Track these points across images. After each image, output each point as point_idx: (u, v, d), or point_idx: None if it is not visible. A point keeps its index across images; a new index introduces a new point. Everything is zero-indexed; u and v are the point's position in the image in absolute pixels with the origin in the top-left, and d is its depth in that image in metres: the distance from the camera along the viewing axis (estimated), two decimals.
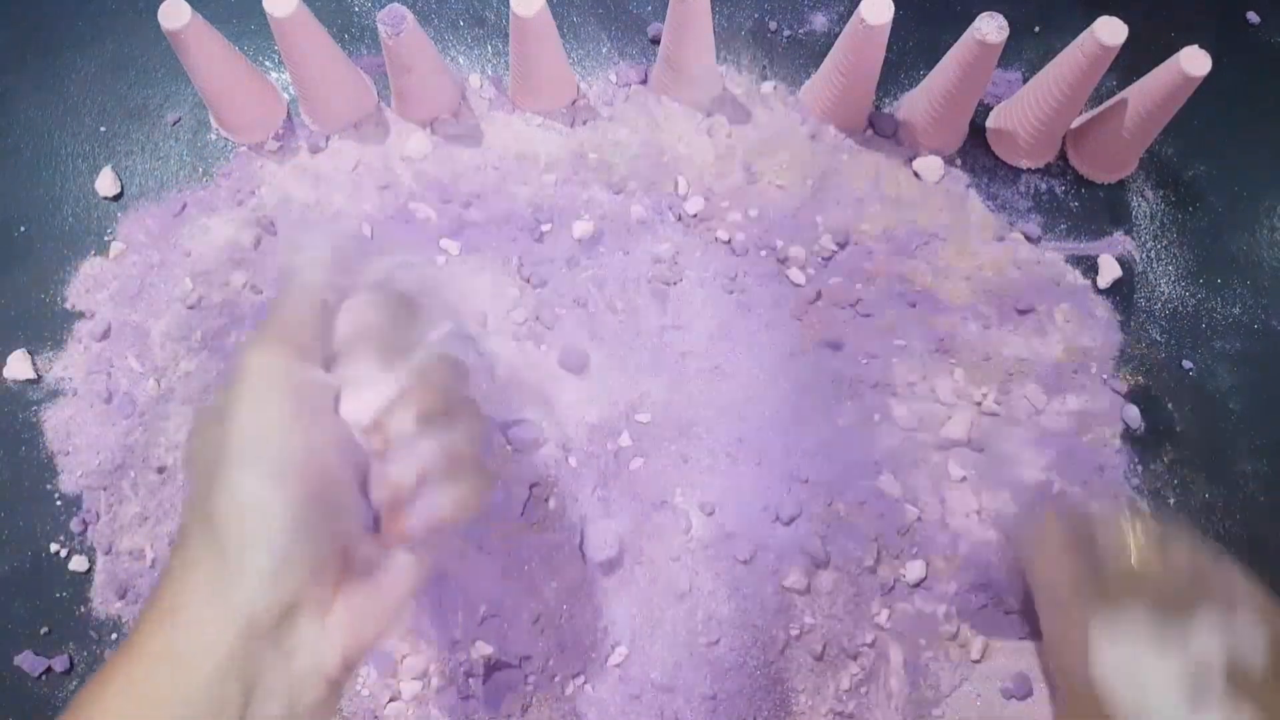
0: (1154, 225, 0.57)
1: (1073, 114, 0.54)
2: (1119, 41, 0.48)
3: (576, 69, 0.59)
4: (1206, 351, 0.55)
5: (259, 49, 0.60)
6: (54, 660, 0.49)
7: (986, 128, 0.58)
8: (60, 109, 0.59)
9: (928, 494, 0.51)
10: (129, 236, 0.56)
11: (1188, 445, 0.53)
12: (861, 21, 0.50)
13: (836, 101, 0.56)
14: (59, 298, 0.55)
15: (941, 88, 0.53)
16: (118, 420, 0.52)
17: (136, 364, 0.53)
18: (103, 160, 0.58)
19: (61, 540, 0.51)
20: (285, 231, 0.54)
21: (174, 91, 0.60)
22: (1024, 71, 0.60)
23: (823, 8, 0.62)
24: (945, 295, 0.54)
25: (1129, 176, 0.58)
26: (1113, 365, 0.54)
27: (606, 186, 0.56)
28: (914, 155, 0.57)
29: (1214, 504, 0.52)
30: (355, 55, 0.60)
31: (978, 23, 0.49)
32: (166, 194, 0.57)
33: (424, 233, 0.55)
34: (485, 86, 0.59)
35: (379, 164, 0.57)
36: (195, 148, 0.58)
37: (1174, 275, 0.56)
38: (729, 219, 0.55)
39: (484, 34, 0.61)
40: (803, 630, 0.48)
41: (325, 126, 0.57)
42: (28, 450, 0.53)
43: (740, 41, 0.60)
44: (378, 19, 0.50)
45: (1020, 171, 0.58)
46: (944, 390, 0.52)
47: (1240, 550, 0.51)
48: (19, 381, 0.54)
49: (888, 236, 0.55)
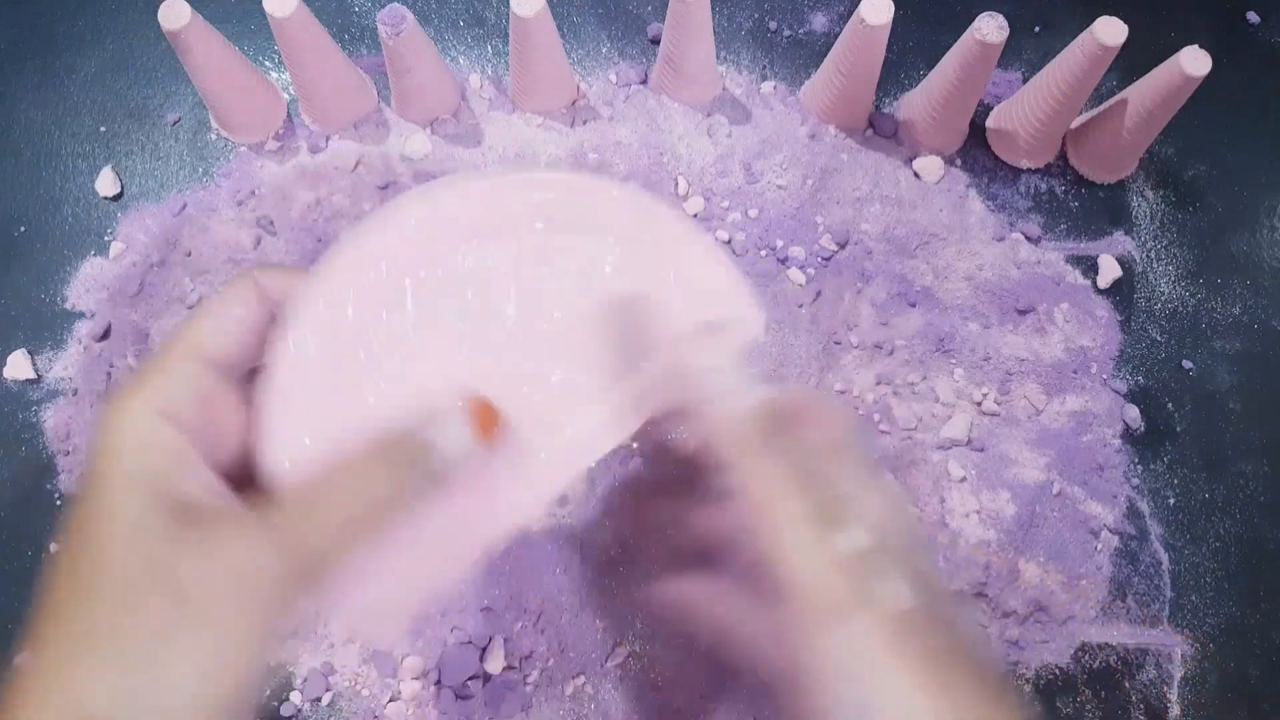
0: (1154, 225, 0.57)
1: (1073, 114, 0.54)
2: (1119, 41, 0.48)
3: (576, 69, 0.59)
4: (1206, 351, 0.55)
5: (259, 49, 0.60)
6: None
7: (986, 128, 0.58)
8: (60, 109, 0.59)
9: (928, 494, 0.51)
10: (129, 236, 0.56)
11: (1188, 445, 0.53)
12: (861, 21, 0.50)
13: (836, 101, 0.56)
14: (59, 298, 0.55)
15: (941, 88, 0.53)
16: None
17: (136, 364, 0.53)
18: (103, 160, 0.58)
19: (61, 540, 0.51)
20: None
21: (174, 91, 0.60)
22: (1024, 71, 0.60)
23: (823, 8, 0.62)
24: (945, 295, 0.54)
25: (1129, 176, 0.58)
26: (1113, 365, 0.54)
27: None
28: (914, 155, 0.57)
29: (1214, 504, 0.52)
30: (355, 55, 0.60)
31: (978, 23, 0.49)
32: (166, 194, 0.57)
33: None
34: (485, 86, 0.59)
35: (379, 164, 0.57)
36: (195, 148, 0.58)
37: (1174, 275, 0.56)
38: (729, 219, 0.55)
39: (484, 34, 0.61)
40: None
41: (325, 126, 0.57)
42: (28, 450, 0.53)
43: (740, 41, 0.60)
44: (378, 19, 0.50)
45: (1020, 171, 0.58)
46: (944, 390, 0.52)
47: (1240, 550, 0.51)
48: (19, 381, 0.54)
49: (888, 236, 0.55)
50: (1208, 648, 0.50)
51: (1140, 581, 0.50)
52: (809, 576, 0.27)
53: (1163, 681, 0.49)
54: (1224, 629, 0.50)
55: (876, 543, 0.27)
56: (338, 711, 0.48)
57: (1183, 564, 0.51)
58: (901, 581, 0.27)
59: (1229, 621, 0.50)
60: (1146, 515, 0.52)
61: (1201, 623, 0.50)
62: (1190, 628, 0.50)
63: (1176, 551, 0.51)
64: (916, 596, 0.26)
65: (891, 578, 0.27)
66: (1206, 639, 0.50)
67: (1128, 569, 0.51)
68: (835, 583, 0.27)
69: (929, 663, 0.26)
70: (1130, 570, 0.51)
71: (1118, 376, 0.54)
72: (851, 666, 0.26)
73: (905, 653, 0.26)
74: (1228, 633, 0.50)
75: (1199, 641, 0.50)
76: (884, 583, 0.27)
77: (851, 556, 0.27)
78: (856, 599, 0.26)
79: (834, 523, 0.27)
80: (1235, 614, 0.50)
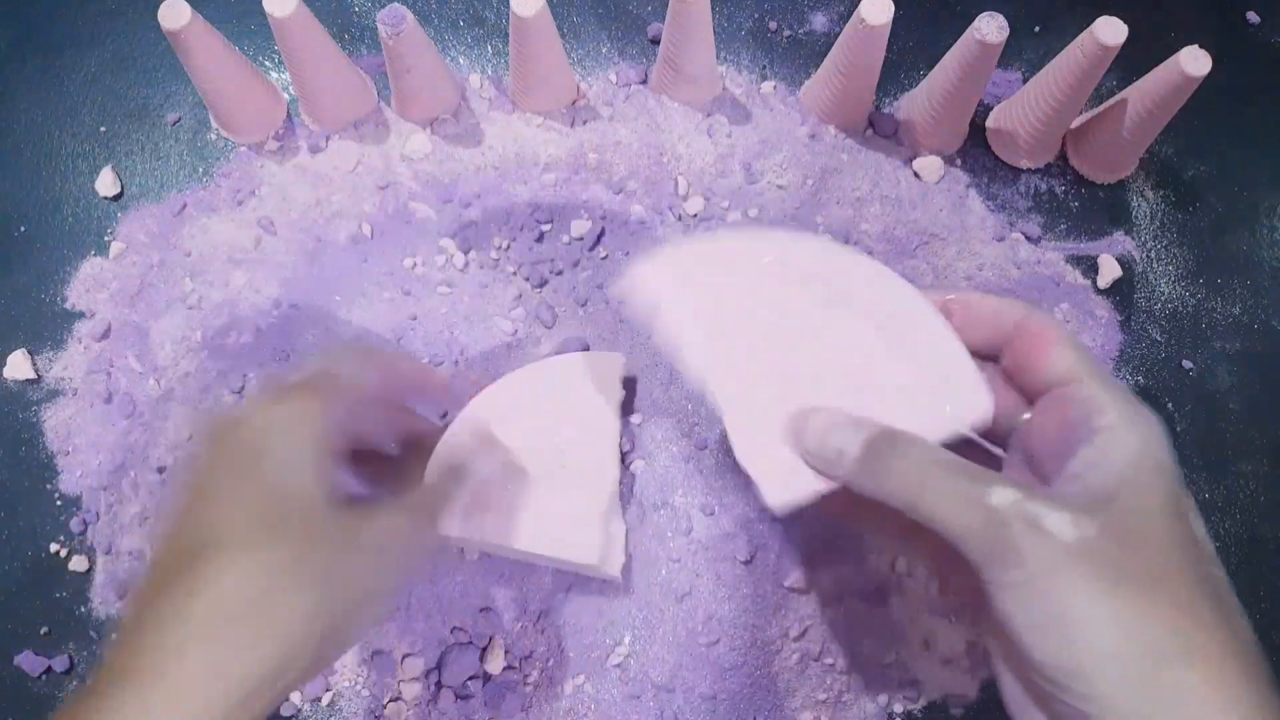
0: (1154, 225, 0.57)
1: (1073, 114, 0.54)
2: (1119, 41, 0.48)
3: (576, 69, 0.59)
4: (1206, 351, 0.55)
5: (259, 49, 0.60)
6: (54, 660, 0.49)
7: (986, 128, 0.58)
8: (60, 109, 0.59)
9: None
10: (129, 236, 0.56)
11: (1188, 445, 0.53)
12: (861, 21, 0.50)
13: (836, 101, 0.56)
14: (59, 298, 0.55)
15: (941, 88, 0.53)
16: (118, 420, 0.52)
17: (136, 364, 0.53)
18: (103, 160, 0.58)
19: (61, 540, 0.51)
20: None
21: (174, 91, 0.60)
22: (1024, 71, 0.60)
23: (823, 8, 0.62)
24: None
25: (1129, 176, 0.58)
26: (1113, 365, 0.54)
27: (606, 186, 0.56)
28: (914, 155, 0.57)
29: (1214, 504, 0.52)
30: (355, 55, 0.60)
31: (978, 23, 0.49)
32: (166, 194, 0.57)
33: (424, 232, 0.55)
34: (485, 86, 0.59)
35: (379, 164, 0.57)
36: (195, 148, 0.58)
37: (1174, 275, 0.56)
38: (729, 219, 0.55)
39: (484, 34, 0.61)
40: (803, 630, 0.48)
41: (325, 126, 0.57)
42: (28, 450, 0.53)
43: (740, 41, 0.60)
44: (378, 19, 0.50)
45: (1020, 171, 0.58)
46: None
47: (1240, 550, 0.51)
48: (19, 381, 0.54)
49: (888, 236, 0.55)
50: None
51: None
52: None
53: None
54: None
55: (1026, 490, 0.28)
56: (338, 711, 0.48)
57: None
58: (1063, 513, 0.28)
59: None
60: None
61: None
62: None
63: None
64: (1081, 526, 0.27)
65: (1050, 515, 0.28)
66: None
67: None
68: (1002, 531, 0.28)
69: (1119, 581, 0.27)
70: None
71: (1118, 376, 0.54)
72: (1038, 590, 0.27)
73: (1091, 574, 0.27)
74: None
75: None
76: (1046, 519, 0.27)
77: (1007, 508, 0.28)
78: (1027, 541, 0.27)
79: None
80: None
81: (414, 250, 0.55)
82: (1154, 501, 0.28)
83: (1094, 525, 0.27)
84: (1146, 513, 0.28)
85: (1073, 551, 0.27)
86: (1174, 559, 0.27)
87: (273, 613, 0.29)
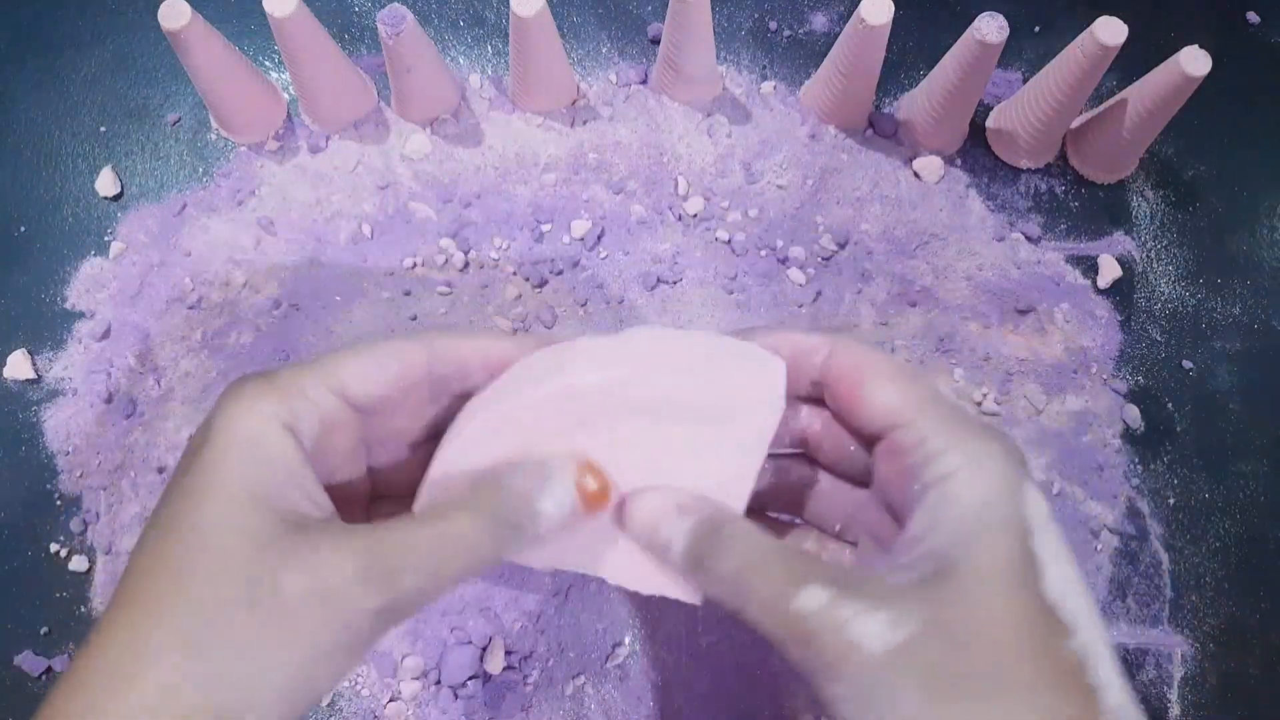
0: (1154, 225, 0.57)
1: (1073, 114, 0.54)
2: (1119, 41, 0.48)
3: (576, 69, 0.59)
4: (1206, 351, 0.55)
5: (259, 49, 0.60)
6: (54, 660, 0.49)
7: (986, 128, 0.58)
8: (60, 109, 0.59)
9: None
10: (129, 236, 0.56)
11: (1188, 445, 0.53)
12: (861, 21, 0.50)
13: (836, 101, 0.56)
14: (59, 298, 0.55)
15: (941, 88, 0.53)
16: (118, 420, 0.52)
17: (136, 364, 0.53)
18: (103, 160, 0.58)
19: (61, 540, 0.51)
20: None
21: (174, 91, 0.60)
22: (1024, 71, 0.60)
23: (823, 8, 0.62)
24: (945, 295, 0.54)
25: (1129, 176, 0.58)
26: (1113, 365, 0.54)
27: (606, 186, 0.56)
28: (914, 155, 0.57)
29: (1214, 504, 0.52)
30: (355, 55, 0.60)
31: (978, 23, 0.49)
32: (166, 194, 0.57)
33: (424, 232, 0.55)
34: (485, 86, 0.59)
35: (379, 164, 0.57)
36: (195, 148, 0.58)
37: (1174, 275, 0.56)
38: (729, 219, 0.55)
39: (484, 34, 0.61)
40: None
41: (325, 126, 0.57)
42: (28, 450, 0.53)
43: (740, 41, 0.60)
44: (378, 19, 0.50)
45: (1020, 171, 0.58)
46: (944, 390, 0.52)
47: (1240, 550, 0.51)
48: (19, 381, 0.54)
49: (888, 236, 0.55)
50: (1207, 648, 0.50)
51: (1140, 581, 0.50)
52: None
53: (1163, 681, 0.49)
54: (1224, 629, 0.50)
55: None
56: (338, 711, 0.48)
57: (1183, 564, 0.51)
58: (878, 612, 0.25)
59: (1229, 621, 0.50)
60: (1146, 515, 0.52)
61: (1201, 623, 0.50)
62: (1190, 628, 0.50)
63: (1176, 551, 0.51)
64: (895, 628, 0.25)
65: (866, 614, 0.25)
66: (1206, 639, 0.50)
67: (1127, 569, 0.51)
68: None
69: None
70: (1130, 570, 0.51)
71: (1118, 376, 0.54)
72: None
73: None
74: (1227, 633, 0.50)
75: (1199, 641, 0.50)
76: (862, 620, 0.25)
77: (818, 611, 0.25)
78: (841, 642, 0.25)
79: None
80: (1235, 614, 0.50)
81: (414, 250, 0.55)
82: (996, 567, 0.25)
83: (918, 621, 0.24)
84: (988, 582, 0.25)
85: (889, 662, 0.24)
86: (1015, 645, 0.24)
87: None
